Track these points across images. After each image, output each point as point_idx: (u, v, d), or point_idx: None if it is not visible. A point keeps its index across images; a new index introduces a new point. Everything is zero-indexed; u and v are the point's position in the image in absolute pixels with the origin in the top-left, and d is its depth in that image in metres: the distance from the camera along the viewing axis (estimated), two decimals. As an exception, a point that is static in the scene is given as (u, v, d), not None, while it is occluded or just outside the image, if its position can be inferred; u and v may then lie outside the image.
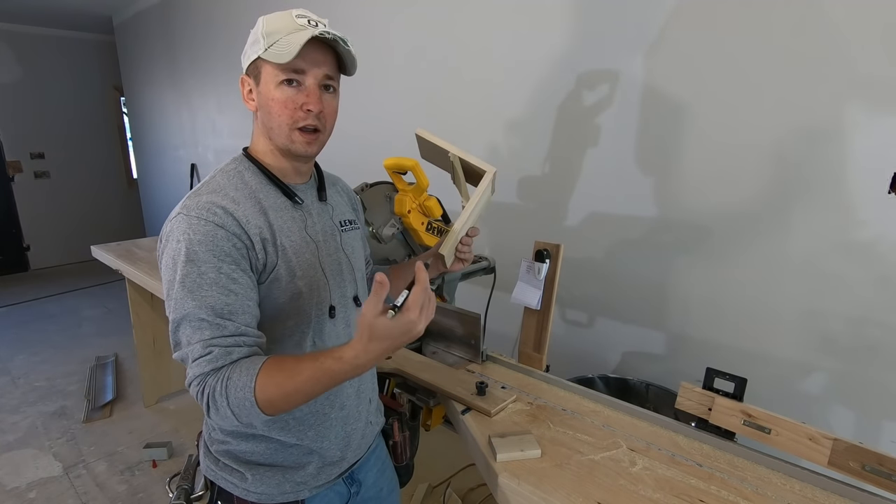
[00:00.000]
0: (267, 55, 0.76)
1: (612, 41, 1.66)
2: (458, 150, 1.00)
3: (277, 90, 0.78)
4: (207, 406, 0.72)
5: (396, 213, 1.38)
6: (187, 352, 0.73)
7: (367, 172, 1.59)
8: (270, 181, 0.84)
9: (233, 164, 0.85)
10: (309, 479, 0.90)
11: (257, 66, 0.79)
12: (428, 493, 1.93)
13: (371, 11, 2.47)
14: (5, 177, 5.47)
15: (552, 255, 1.33)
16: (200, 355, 0.72)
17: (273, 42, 0.76)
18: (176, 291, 0.73)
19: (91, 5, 4.71)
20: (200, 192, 0.79)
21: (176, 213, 0.77)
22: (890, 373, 1.30)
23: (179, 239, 0.74)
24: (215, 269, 0.73)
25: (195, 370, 0.72)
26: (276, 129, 0.80)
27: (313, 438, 0.89)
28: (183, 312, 0.73)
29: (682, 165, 1.57)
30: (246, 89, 0.83)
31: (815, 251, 1.37)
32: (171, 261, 0.74)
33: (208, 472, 0.92)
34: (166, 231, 0.77)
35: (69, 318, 4.27)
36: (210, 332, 0.73)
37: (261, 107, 0.81)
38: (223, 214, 0.75)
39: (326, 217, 0.93)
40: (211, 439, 0.92)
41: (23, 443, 2.55)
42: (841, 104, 1.28)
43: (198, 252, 0.73)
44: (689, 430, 1.05)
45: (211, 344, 0.72)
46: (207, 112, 4.04)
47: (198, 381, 0.72)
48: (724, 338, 1.57)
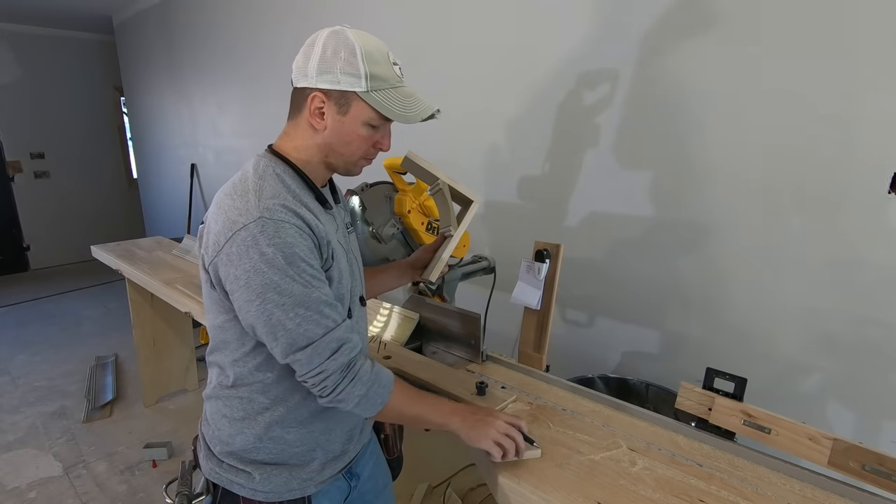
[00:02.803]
0: (370, 99, 0.79)
1: (612, 40, 1.66)
2: (448, 178, 1.04)
3: (364, 128, 0.82)
4: (338, 391, 0.79)
5: (396, 213, 1.39)
6: (322, 345, 0.77)
7: (367, 173, 1.59)
8: (306, 185, 0.85)
9: (269, 166, 0.82)
10: (314, 475, 0.91)
11: (348, 97, 0.79)
12: (428, 493, 1.92)
13: (370, 11, 2.47)
14: (5, 177, 5.47)
15: (552, 255, 1.33)
16: (340, 344, 0.79)
17: (378, 88, 0.79)
18: (283, 293, 0.74)
19: (91, 5, 4.71)
20: (263, 197, 0.76)
21: (255, 216, 0.74)
22: (890, 373, 1.30)
23: (270, 243, 0.73)
24: (312, 267, 0.77)
25: (334, 364, 0.78)
26: (346, 156, 0.85)
27: (322, 431, 0.91)
28: (299, 312, 0.76)
29: (682, 165, 1.57)
30: (317, 105, 0.80)
31: (814, 251, 1.37)
32: (266, 265, 0.73)
33: (211, 475, 0.91)
34: (241, 237, 0.74)
35: (69, 318, 4.27)
36: (336, 317, 0.80)
37: (336, 133, 0.82)
38: (295, 218, 0.77)
39: (340, 220, 0.95)
40: (213, 440, 0.91)
41: (23, 443, 2.55)
42: (843, 101, 1.27)
43: (295, 253, 0.75)
44: (689, 430, 1.05)
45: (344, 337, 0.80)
46: (207, 112, 4.04)
47: (341, 371, 0.79)
48: (724, 338, 1.57)
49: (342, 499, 0.99)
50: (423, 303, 1.52)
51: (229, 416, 0.88)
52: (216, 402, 0.90)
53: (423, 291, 1.56)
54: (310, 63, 0.79)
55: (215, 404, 0.91)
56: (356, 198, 1.44)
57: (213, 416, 0.91)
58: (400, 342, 1.50)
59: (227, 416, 0.89)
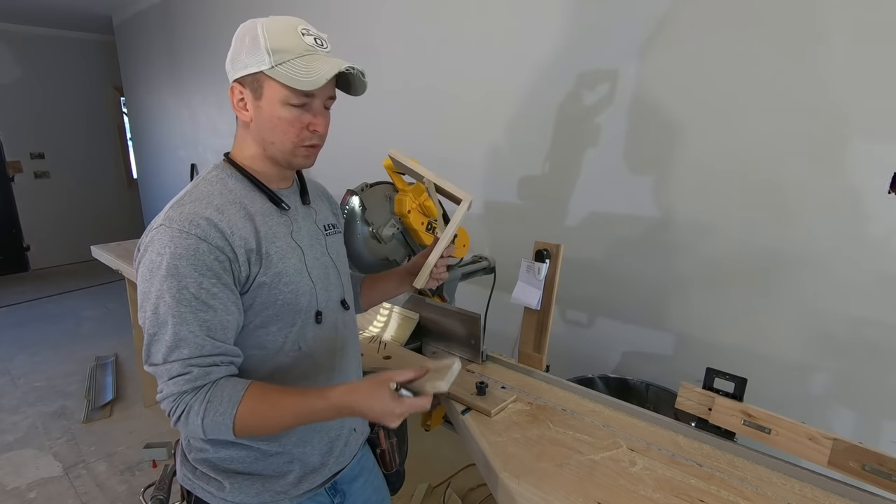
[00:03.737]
0: (276, 74, 0.75)
1: (612, 40, 1.66)
2: (433, 176, 1.00)
3: (284, 110, 0.78)
4: (178, 418, 0.73)
5: (396, 213, 1.38)
6: (163, 369, 0.73)
7: (367, 173, 1.59)
8: (256, 187, 0.83)
9: (215, 171, 0.83)
10: (289, 489, 0.88)
11: (258, 79, 0.77)
12: (428, 493, 1.93)
13: (369, 12, 2.47)
14: (5, 177, 5.47)
15: (552, 255, 1.33)
16: (179, 374, 0.72)
17: (283, 61, 0.75)
18: (151, 304, 0.72)
19: (91, 5, 4.71)
20: (184, 202, 0.76)
21: (158, 223, 0.75)
22: (890, 373, 1.30)
23: (160, 251, 0.72)
24: (196, 283, 0.72)
25: (171, 388, 0.72)
26: (278, 144, 0.80)
27: (295, 444, 0.88)
28: (160, 328, 0.72)
29: (683, 165, 1.57)
30: (237, 97, 0.80)
31: (814, 251, 1.37)
32: (149, 273, 0.73)
33: (185, 482, 0.90)
34: (146, 241, 0.75)
35: (69, 319, 4.27)
36: (189, 350, 0.72)
37: (260, 120, 0.79)
38: (207, 226, 0.73)
39: (311, 221, 0.92)
40: (189, 447, 0.89)
41: (23, 443, 2.55)
42: (841, 103, 1.27)
43: (178, 266, 0.71)
44: (689, 430, 1.05)
45: (190, 364, 0.72)
46: (207, 112, 4.04)
47: (174, 398, 0.73)
48: (724, 338, 1.57)
49: None
50: (423, 303, 1.52)
51: None
52: None
53: (423, 291, 1.56)
54: (227, 59, 0.80)
55: None
56: (356, 198, 1.44)
57: None
58: (400, 342, 1.50)
59: None
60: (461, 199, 0.97)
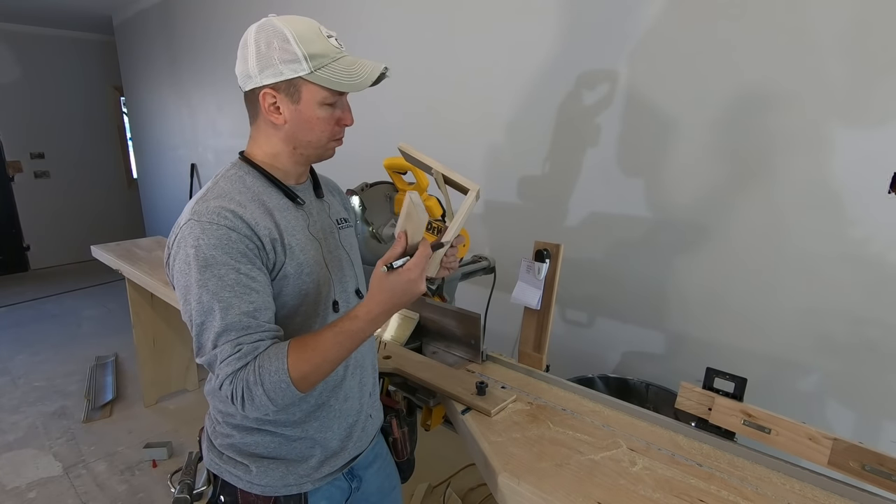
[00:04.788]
0: (316, 79, 0.78)
1: (612, 40, 1.66)
2: (442, 167, 1.01)
3: (321, 110, 0.82)
4: (243, 400, 0.75)
5: (396, 213, 1.38)
6: (215, 353, 0.75)
7: (367, 173, 1.59)
8: (272, 184, 0.86)
9: (233, 169, 0.86)
10: (312, 472, 0.92)
11: (295, 84, 0.79)
12: (428, 493, 1.93)
13: (368, 13, 2.47)
14: (5, 177, 5.46)
15: (552, 255, 1.33)
16: (229, 355, 0.74)
17: (321, 66, 0.78)
18: (195, 296, 0.75)
19: (91, 5, 4.71)
20: (207, 198, 0.79)
21: (186, 219, 0.77)
22: (889, 372, 1.30)
23: (194, 244, 0.74)
24: (234, 269, 0.75)
25: (226, 369, 0.74)
26: (314, 142, 0.85)
27: (317, 429, 0.91)
28: (206, 315, 0.75)
29: (683, 165, 1.57)
30: (269, 102, 0.81)
31: (814, 251, 1.37)
32: (186, 266, 0.75)
33: (212, 466, 0.93)
34: (177, 238, 0.77)
35: (69, 318, 4.27)
36: (236, 332, 0.75)
37: (297, 122, 0.82)
38: (233, 217, 0.76)
39: (325, 215, 0.95)
40: (215, 433, 0.93)
41: (23, 443, 2.55)
42: (841, 102, 1.27)
43: (215, 256, 0.74)
44: (689, 430, 1.06)
45: (238, 343, 0.75)
46: (207, 112, 4.04)
47: (230, 380, 0.75)
48: (724, 338, 1.57)
49: (343, 499, 0.99)
50: (423, 303, 1.52)
51: (224, 413, 0.90)
52: (214, 399, 0.92)
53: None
54: (249, 64, 0.80)
55: (214, 401, 0.92)
56: (356, 198, 1.44)
57: (214, 411, 0.93)
58: (400, 342, 1.50)
59: (223, 412, 0.90)
60: (469, 189, 0.98)
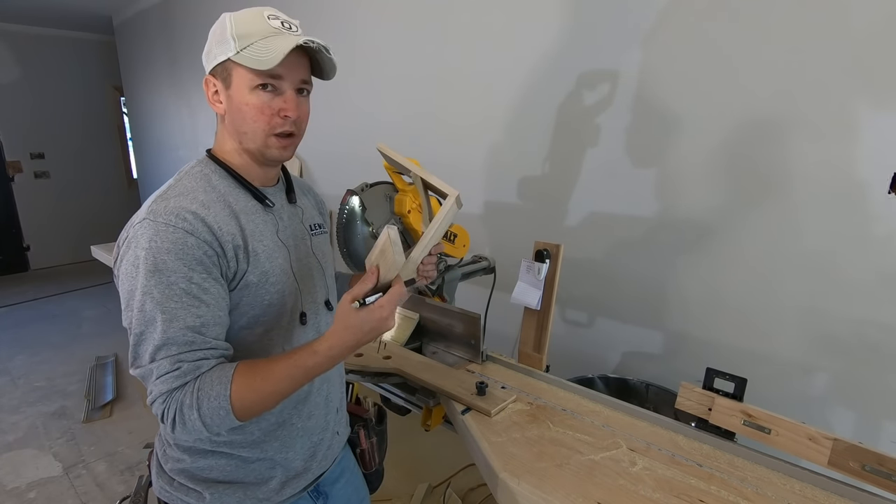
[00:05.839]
0: (240, 59, 0.73)
1: (612, 40, 1.66)
2: (421, 170, 0.98)
3: (252, 95, 0.75)
4: (174, 422, 0.69)
5: (396, 213, 1.38)
6: (151, 368, 0.69)
7: (367, 173, 1.59)
8: (240, 184, 0.81)
9: (198, 166, 0.80)
10: (272, 495, 0.86)
11: (227, 68, 0.76)
12: (428, 493, 1.93)
13: (367, 13, 2.47)
14: (5, 177, 5.46)
15: (552, 255, 1.33)
16: (167, 371, 0.69)
17: (247, 45, 0.73)
18: (137, 302, 0.69)
19: (91, 5, 4.71)
20: (167, 197, 0.74)
21: (141, 217, 0.72)
22: (890, 373, 1.30)
23: (145, 246, 0.69)
24: (186, 278, 0.69)
25: (160, 387, 0.69)
26: (250, 134, 0.78)
27: (278, 449, 0.86)
28: (147, 325, 0.69)
29: (683, 165, 1.57)
30: (211, 90, 0.79)
31: (814, 250, 1.37)
32: (133, 269, 0.69)
33: (162, 494, 0.86)
34: (128, 236, 0.72)
35: (69, 318, 4.27)
36: (177, 347, 0.69)
37: (231, 110, 0.78)
38: (194, 220, 0.71)
39: (297, 220, 0.89)
40: (165, 457, 0.86)
41: (23, 443, 2.54)
42: (843, 101, 1.27)
43: (166, 261, 0.68)
44: (689, 430, 1.05)
45: (179, 360, 0.69)
46: (207, 112, 4.03)
47: (163, 398, 0.69)
48: (724, 338, 1.57)
49: None
50: (423, 303, 1.52)
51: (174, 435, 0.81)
52: None
53: (423, 291, 1.55)
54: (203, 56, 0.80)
55: None
56: (356, 198, 1.44)
57: (165, 434, 0.86)
58: (400, 342, 1.50)
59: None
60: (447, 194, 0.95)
